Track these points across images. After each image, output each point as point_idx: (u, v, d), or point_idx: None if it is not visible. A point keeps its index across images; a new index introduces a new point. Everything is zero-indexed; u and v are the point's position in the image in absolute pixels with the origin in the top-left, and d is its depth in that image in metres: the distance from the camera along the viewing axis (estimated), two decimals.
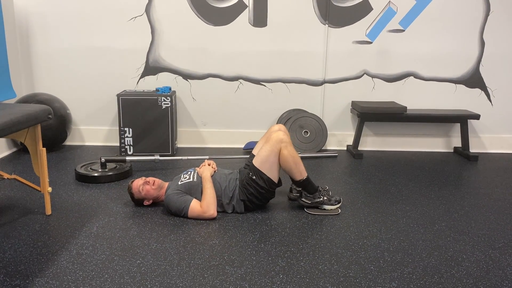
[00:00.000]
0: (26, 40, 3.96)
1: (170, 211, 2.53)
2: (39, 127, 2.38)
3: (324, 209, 2.65)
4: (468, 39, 4.08)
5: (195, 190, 2.55)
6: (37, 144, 2.39)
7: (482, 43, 4.09)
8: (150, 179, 2.64)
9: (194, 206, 2.47)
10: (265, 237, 2.30)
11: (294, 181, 2.64)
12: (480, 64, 4.13)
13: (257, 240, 2.26)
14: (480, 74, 4.15)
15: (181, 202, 2.48)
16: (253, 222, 2.48)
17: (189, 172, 2.68)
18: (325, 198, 2.65)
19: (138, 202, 2.65)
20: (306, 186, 2.62)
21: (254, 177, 2.53)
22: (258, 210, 2.64)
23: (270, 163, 2.53)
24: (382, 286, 1.86)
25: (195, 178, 2.60)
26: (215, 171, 2.68)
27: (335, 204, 2.66)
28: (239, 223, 2.46)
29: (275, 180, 2.57)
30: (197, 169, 2.70)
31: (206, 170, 2.63)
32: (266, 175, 2.52)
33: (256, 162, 2.55)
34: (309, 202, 2.64)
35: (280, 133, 2.56)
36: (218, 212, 2.55)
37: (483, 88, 4.19)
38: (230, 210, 2.59)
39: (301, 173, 2.58)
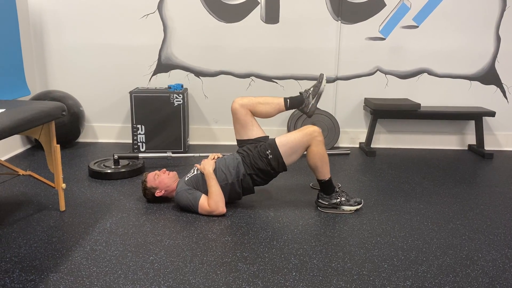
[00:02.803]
0: (40, 38, 4.00)
1: (181, 207, 2.55)
2: (53, 124, 2.40)
3: (343, 210, 2.59)
4: (483, 35, 4.01)
5: (202, 181, 2.54)
6: (51, 141, 2.41)
7: (498, 39, 4.02)
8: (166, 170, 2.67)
9: (203, 204, 2.47)
10: (277, 235, 2.29)
11: (317, 179, 2.61)
12: (496, 61, 4.07)
13: (269, 238, 2.25)
14: (495, 70, 4.09)
15: (190, 200, 2.49)
16: (265, 219, 2.47)
17: (194, 168, 2.68)
18: (343, 199, 2.59)
19: (149, 193, 2.63)
20: (325, 187, 2.59)
21: (270, 157, 2.49)
22: (270, 208, 2.64)
23: (292, 151, 2.49)
24: (396, 285, 1.84)
25: (199, 171, 2.60)
26: (218, 158, 2.67)
27: (355, 205, 2.60)
28: (252, 220, 2.46)
29: (287, 166, 2.54)
30: (197, 165, 2.64)
31: (208, 165, 2.57)
32: (282, 159, 2.49)
33: (279, 143, 2.50)
34: (326, 203, 2.61)
35: (316, 128, 2.50)
36: (231, 200, 2.55)
37: (499, 84, 4.12)
38: (240, 188, 2.55)
39: (324, 174, 2.55)
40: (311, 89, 2.73)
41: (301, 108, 2.74)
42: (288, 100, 2.71)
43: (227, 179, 2.53)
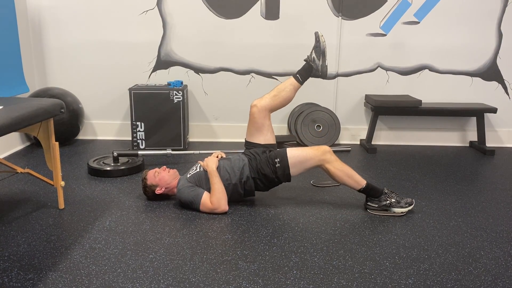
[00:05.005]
0: (39, 35, 3.97)
1: (183, 205, 2.53)
2: (51, 121, 2.38)
3: (394, 212, 2.53)
4: (485, 31, 3.99)
5: (204, 179, 2.52)
6: (50, 138, 2.39)
7: (500, 35, 3.99)
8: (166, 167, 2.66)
9: (205, 202, 2.45)
10: (278, 232, 2.27)
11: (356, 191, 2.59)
12: (498, 57, 4.04)
13: (270, 235, 2.24)
14: (497, 66, 4.06)
15: (192, 196, 2.47)
16: (266, 217, 2.46)
17: (196, 165, 2.66)
18: (393, 200, 2.52)
19: (150, 191, 2.61)
20: (368, 193, 2.55)
21: (278, 165, 2.48)
22: (270, 205, 2.62)
23: (301, 165, 2.49)
24: (398, 283, 1.83)
25: (202, 168, 2.58)
26: (222, 157, 2.65)
27: (406, 207, 2.53)
28: (252, 218, 2.44)
29: (290, 177, 2.53)
30: (201, 162, 2.63)
31: (211, 162, 2.54)
32: (289, 170, 2.48)
33: (290, 154, 2.49)
34: (376, 206, 2.55)
35: (327, 148, 2.50)
36: (232, 200, 2.52)
37: (501, 81, 4.10)
38: (242, 190, 2.54)
39: (358, 182, 2.51)
40: (313, 51, 2.71)
41: (313, 74, 2.73)
42: (298, 75, 2.71)
43: (231, 180, 2.51)
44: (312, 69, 2.70)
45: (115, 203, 2.62)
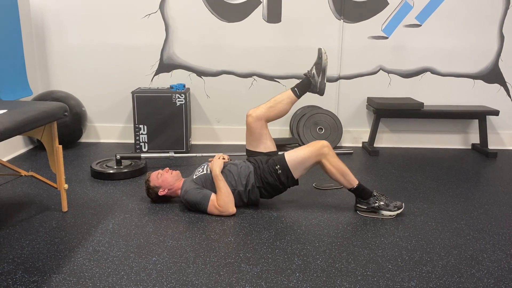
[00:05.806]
0: (42, 38, 3.99)
1: (189, 207, 2.54)
2: (55, 125, 2.39)
3: (383, 215, 2.53)
4: (487, 34, 3.99)
5: (211, 181, 2.53)
6: (53, 141, 2.41)
7: (502, 37, 4.00)
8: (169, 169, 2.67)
9: (213, 204, 2.45)
10: (280, 235, 2.28)
11: (347, 189, 2.59)
12: (499, 59, 4.05)
13: (272, 238, 2.24)
14: (499, 69, 4.07)
15: (200, 198, 2.47)
16: (268, 220, 2.46)
17: (202, 166, 2.67)
18: (381, 203, 2.53)
19: (153, 192, 2.62)
20: (358, 193, 2.56)
21: (279, 172, 2.49)
22: (273, 208, 2.63)
23: (301, 166, 2.49)
24: (400, 285, 1.83)
25: (209, 171, 2.59)
26: (228, 160, 2.66)
27: (394, 210, 2.53)
28: (255, 220, 2.45)
29: (296, 180, 2.54)
30: (209, 163, 2.65)
31: (215, 165, 2.55)
32: (292, 173, 2.49)
33: (289, 158, 2.49)
34: (365, 207, 2.56)
35: (325, 143, 2.50)
36: (235, 206, 2.52)
37: (502, 83, 4.10)
38: (246, 199, 2.56)
39: (350, 182, 2.52)
40: (314, 67, 2.71)
41: (310, 90, 2.74)
42: (296, 89, 2.71)
43: (236, 187, 2.52)
44: (310, 84, 2.71)
45: (118, 206, 2.63)
